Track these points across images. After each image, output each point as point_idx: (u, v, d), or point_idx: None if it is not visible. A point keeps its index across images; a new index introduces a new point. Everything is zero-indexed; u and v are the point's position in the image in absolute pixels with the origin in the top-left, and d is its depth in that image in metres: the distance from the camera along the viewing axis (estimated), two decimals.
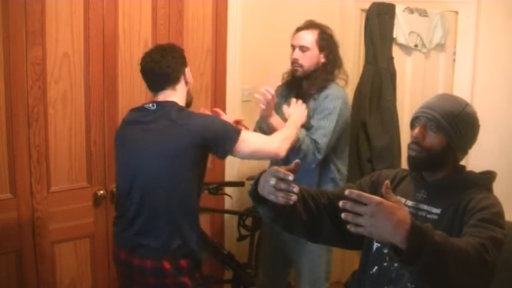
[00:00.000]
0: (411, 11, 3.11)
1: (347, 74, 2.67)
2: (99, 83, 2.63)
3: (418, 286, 1.52)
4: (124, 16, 2.67)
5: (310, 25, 2.58)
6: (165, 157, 2.10)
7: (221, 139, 2.15)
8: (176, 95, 2.21)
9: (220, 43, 3.07)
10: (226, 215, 3.25)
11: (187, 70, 2.25)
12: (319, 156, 2.49)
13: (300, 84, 2.64)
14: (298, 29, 2.59)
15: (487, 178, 1.63)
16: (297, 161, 1.51)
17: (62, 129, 2.55)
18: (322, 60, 2.57)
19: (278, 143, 2.30)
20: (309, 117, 2.56)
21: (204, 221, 3.09)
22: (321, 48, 2.55)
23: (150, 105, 2.18)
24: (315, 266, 2.67)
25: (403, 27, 3.08)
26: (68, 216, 2.61)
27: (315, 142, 2.48)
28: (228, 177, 3.19)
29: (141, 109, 2.22)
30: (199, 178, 2.22)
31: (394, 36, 3.03)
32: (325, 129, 2.50)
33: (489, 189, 1.62)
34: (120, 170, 2.26)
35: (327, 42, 2.56)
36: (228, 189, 3.07)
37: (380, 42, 2.94)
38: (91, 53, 2.58)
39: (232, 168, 3.16)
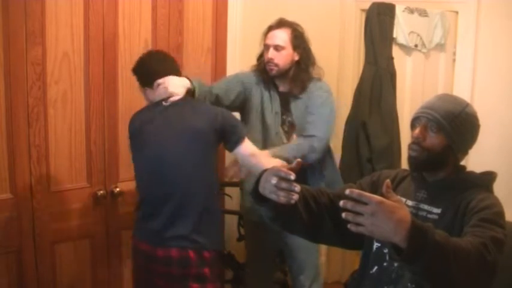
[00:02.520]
0: (411, 11, 3.11)
1: (322, 69, 2.64)
2: (99, 83, 2.63)
3: (419, 286, 1.52)
4: (124, 16, 2.67)
5: (282, 24, 2.58)
6: (188, 140, 2.18)
7: (234, 129, 2.25)
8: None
9: (220, 43, 3.07)
10: (226, 215, 3.25)
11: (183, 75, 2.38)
12: (317, 157, 2.52)
13: (272, 83, 2.63)
14: (270, 28, 2.59)
15: (487, 178, 1.64)
16: (298, 160, 1.51)
17: (62, 129, 2.55)
18: (296, 58, 2.56)
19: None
20: (302, 117, 2.57)
21: None
22: (295, 47, 2.55)
23: (163, 102, 2.25)
24: (313, 257, 2.73)
25: (403, 27, 3.08)
26: (68, 216, 2.61)
27: (311, 147, 2.48)
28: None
29: (155, 105, 2.28)
30: (215, 166, 2.31)
31: (394, 36, 3.03)
32: (320, 134, 2.51)
33: (489, 189, 1.62)
34: (142, 159, 2.28)
35: (299, 40, 2.56)
36: (228, 189, 3.07)
37: (380, 42, 2.94)
38: (91, 53, 2.58)
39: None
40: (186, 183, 2.18)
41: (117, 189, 2.71)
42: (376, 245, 1.66)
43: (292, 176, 1.44)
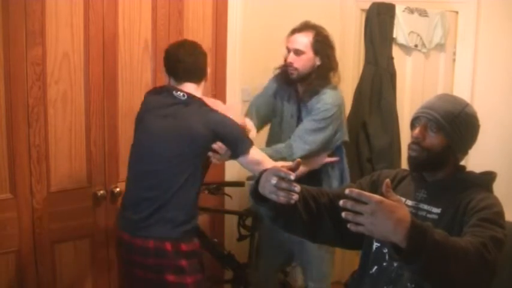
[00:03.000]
0: (411, 11, 3.11)
1: (340, 76, 2.61)
2: (99, 83, 2.63)
3: (418, 286, 1.52)
4: (124, 16, 2.67)
5: (305, 27, 2.54)
6: (181, 141, 2.20)
7: (236, 141, 2.26)
8: (198, 91, 2.31)
9: (220, 43, 3.07)
10: (226, 215, 3.25)
11: (209, 71, 2.38)
12: (291, 157, 2.44)
13: (295, 87, 2.62)
14: (293, 31, 2.55)
15: (487, 178, 1.64)
16: (298, 160, 1.52)
17: (62, 129, 2.55)
18: (318, 63, 2.53)
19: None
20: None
21: (204, 221, 3.09)
22: (316, 51, 2.51)
23: (180, 93, 2.25)
24: (321, 261, 2.71)
25: (403, 27, 3.08)
26: (68, 216, 2.60)
27: (291, 148, 2.48)
28: (228, 177, 3.19)
29: (166, 95, 2.29)
30: (201, 168, 2.30)
31: (394, 36, 3.03)
32: (308, 145, 2.48)
33: (489, 189, 1.62)
34: (133, 152, 2.34)
35: (322, 44, 2.52)
36: (228, 189, 3.07)
37: (380, 42, 2.94)
38: (91, 53, 2.58)
39: (232, 168, 3.15)
40: (170, 178, 2.21)
41: (117, 189, 2.71)
42: (375, 244, 1.66)
43: (292, 176, 1.44)
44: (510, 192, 2.16)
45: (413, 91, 3.26)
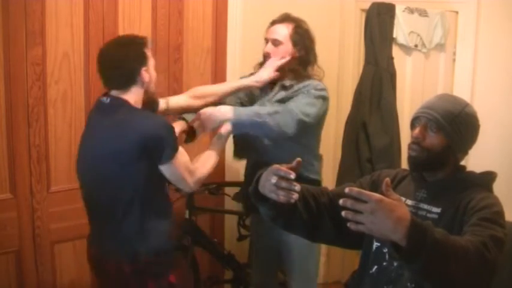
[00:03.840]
0: (411, 11, 3.11)
1: (323, 70, 2.52)
2: (99, 83, 2.59)
3: (418, 285, 1.52)
4: (124, 16, 2.67)
5: (285, 18, 2.49)
6: (105, 157, 1.95)
7: (161, 145, 1.94)
8: (129, 95, 1.98)
9: (220, 43, 3.07)
10: (226, 215, 3.25)
11: (144, 70, 1.98)
12: (289, 131, 2.29)
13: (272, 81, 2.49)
14: (273, 22, 2.50)
15: (487, 178, 1.64)
16: (298, 159, 1.51)
17: (62, 129, 2.55)
18: (296, 55, 2.45)
19: (195, 183, 2.11)
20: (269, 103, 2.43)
21: (204, 221, 3.09)
22: (295, 43, 2.44)
23: (105, 98, 1.99)
24: (306, 262, 2.59)
25: (403, 27, 3.08)
26: (68, 216, 2.60)
27: (290, 112, 2.29)
28: (228, 177, 3.19)
29: (98, 101, 2.05)
30: (150, 177, 1.99)
31: (394, 36, 3.02)
32: (306, 108, 2.32)
33: (489, 189, 1.62)
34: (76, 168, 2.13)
35: (301, 37, 2.45)
36: (228, 189, 3.07)
37: (380, 42, 2.94)
38: (91, 53, 2.58)
39: (232, 168, 3.16)
40: (104, 201, 2.01)
41: None
42: (375, 244, 1.66)
43: (292, 175, 1.44)
44: (510, 192, 2.16)
45: (413, 91, 3.26)
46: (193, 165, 2.10)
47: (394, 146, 2.98)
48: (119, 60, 1.95)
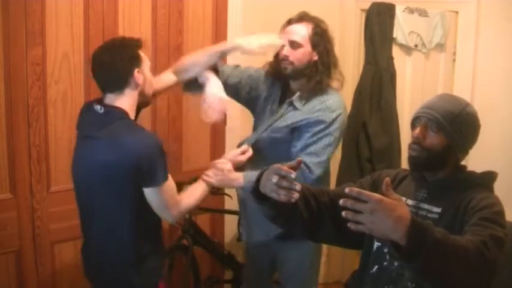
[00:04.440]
0: (411, 11, 3.11)
1: (343, 75, 2.33)
2: None
3: (419, 285, 1.52)
4: (124, 16, 2.67)
5: (303, 18, 2.25)
6: (97, 173, 1.89)
7: (154, 167, 1.86)
8: (123, 99, 1.91)
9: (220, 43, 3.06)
10: (226, 215, 3.25)
11: (137, 71, 1.91)
12: (313, 177, 2.17)
13: (286, 82, 2.32)
14: (290, 21, 2.27)
15: (488, 178, 1.64)
16: (299, 159, 1.51)
17: (62, 129, 2.55)
18: (315, 58, 2.22)
19: (178, 214, 2.01)
20: (284, 120, 2.26)
21: (204, 221, 3.09)
22: (314, 45, 2.21)
23: (99, 107, 1.91)
24: (302, 266, 2.42)
25: (403, 27, 3.08)
26: (68, 216, 2.60)
27: (307, 167, 2.15)
28: None
29: (90, 109, 1.95)
30: (136, 205, 1.91)
31: (394, 36, 3.03)
32: (319, 157, 2.17)
33: (490, 189, 1.62)
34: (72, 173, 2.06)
35: (320, 38, 2.22)
36: (228, 189, 3.07)
37: (380, 42, 2.94)
38: (91, 53, 2.57)
39: None
40: (94, 223, 1.97)
41: None
42: (376, 244, 1.66)
43: (293, 175, 1.44)
44: (511, 192, 2.16)
45: (413, 91, 3.26)
46: (179, 195, 2.00)
47: (394, 146, 2.98)
48: (110, 62, 1.90)
